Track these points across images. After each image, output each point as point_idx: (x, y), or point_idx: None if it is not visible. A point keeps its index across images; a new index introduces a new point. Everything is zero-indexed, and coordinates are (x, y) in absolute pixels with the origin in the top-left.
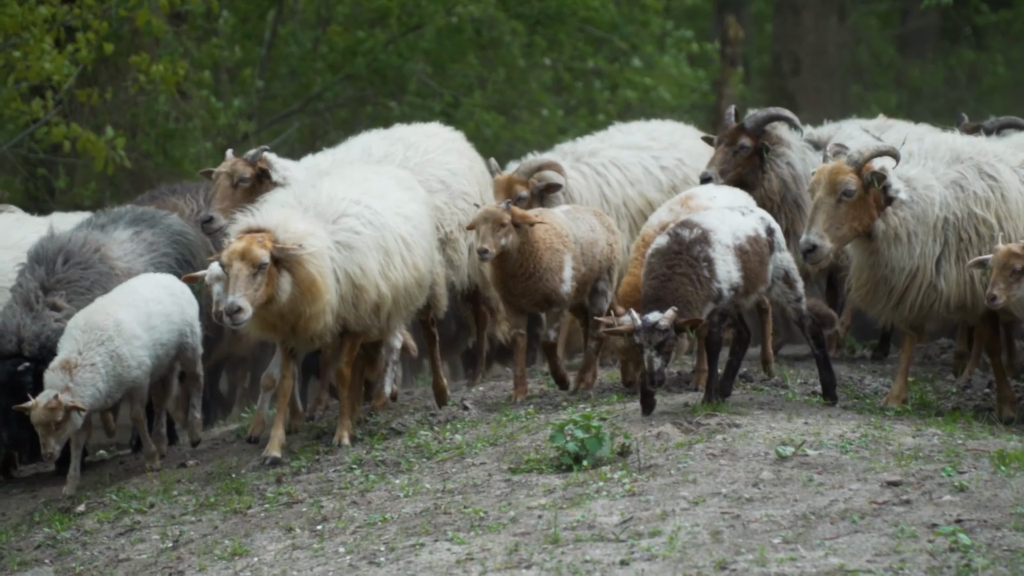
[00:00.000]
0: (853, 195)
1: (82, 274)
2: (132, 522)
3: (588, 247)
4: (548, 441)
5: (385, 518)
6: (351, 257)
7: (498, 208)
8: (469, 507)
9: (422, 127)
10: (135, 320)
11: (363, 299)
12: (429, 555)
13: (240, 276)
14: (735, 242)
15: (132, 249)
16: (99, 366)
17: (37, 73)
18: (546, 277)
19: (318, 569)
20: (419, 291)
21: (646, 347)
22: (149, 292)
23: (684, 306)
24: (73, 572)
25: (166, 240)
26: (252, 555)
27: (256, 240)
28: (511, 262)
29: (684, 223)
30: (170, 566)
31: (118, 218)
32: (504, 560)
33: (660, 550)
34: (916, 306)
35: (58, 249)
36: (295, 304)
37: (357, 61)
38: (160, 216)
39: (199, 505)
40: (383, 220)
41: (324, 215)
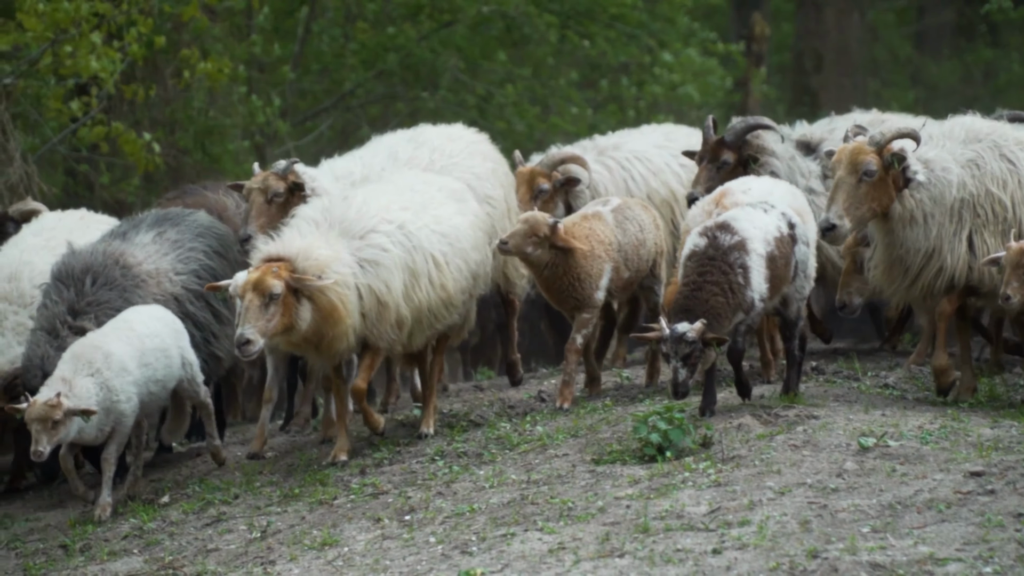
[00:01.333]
0: (874, 175)
1: (110, 295)
2: (218, 513)
3: (635, 250)
4: (630, 432)
5: (473, 508)
6: (377, 274)
7: (543, 219)
8: (556, 497)
9: (446, 129)
10: (127, 354)
11: (385, 316)
12: (521, 544)
13: (251, 307)
14: (767, 249)
15: (156, 250)
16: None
17: (86, 69)
18: (585, 283)
19: (410, 559)
20: (447, 312)
21: (672, 358)
22: (143, 326)
23: (714, 318)
24: (162, 562)
25: (191, 235)
26: (342, 545)
27: (270, 270)
28: (553, 270)
29: (722, 226)
30: (261, 556)
31: (140, 222)
32: (596, 549)
33: (751, 539)
34: (929, 286)
35: (84, 268)
36: (317, 328)
37: (390, 57)
38: (184, 214)
39: (283, 496)
40: (415, 239)
41: (351, 231)
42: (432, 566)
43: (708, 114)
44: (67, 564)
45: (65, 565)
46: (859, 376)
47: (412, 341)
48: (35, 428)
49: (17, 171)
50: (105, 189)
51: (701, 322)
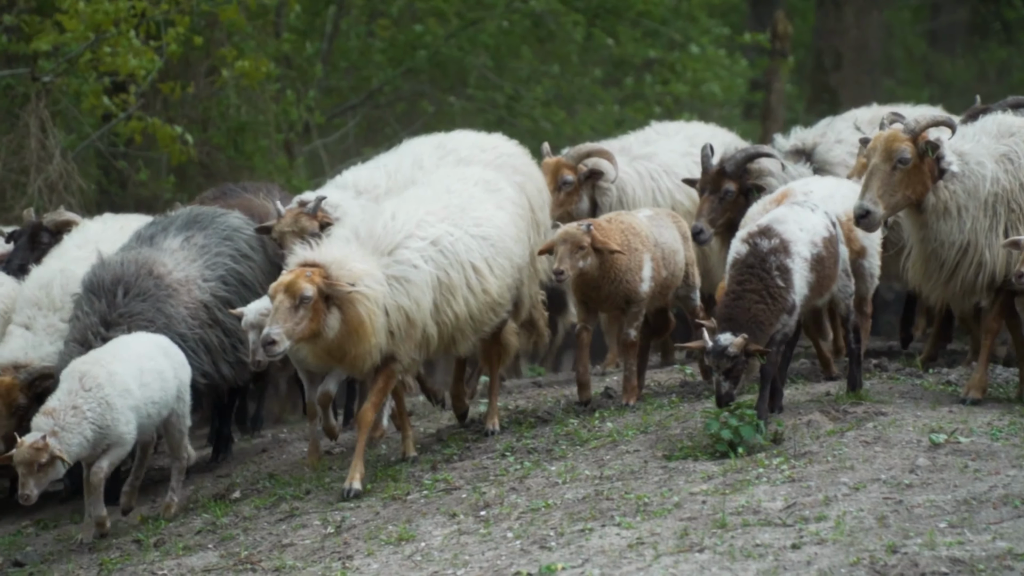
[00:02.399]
0: (908, 163)
1: (142, 306)
2: (290, 508)
3: (670, 254)
4: (701, 429)
5: (548, 504)
6: (407, 291)
7: (578, 230)
8: (630, 493)
9: (479, 138)
10: (129, 374)
11: (411, 335)
12: (599, 539)
13: (281, 308)
14: (812, 251)
15: (185, 256)
16: (84, 410)
17: (125, 67)
18: (626, 279)
19: (489, 554)
20: (492, 314)
21: (715, 371)
22: (143, 349)
23: (756, 326)
24: (238, 557)
25: (218, 240)
26: (419, 540)
27: (304, 274)
28: (591, 276)
29: (764, 231)
30: (337, 551)
31: (168, 224)
32: (676, 544)
33: (829, 534)
34: (969, 284)
35: (115, 280)
36: (341, 342)
37: (418, 55)
38: (214, 215)
39: (356, 491)
40: (451, 254)
41: (380, 248)
42: (512, 561)
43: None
44: (143, 559)
45: (141, 560)
46: (921, 373)
47: (456, 347)
48: (22, 471)
49: (57, 168)
50: (141, 186)
51: (743, 337)
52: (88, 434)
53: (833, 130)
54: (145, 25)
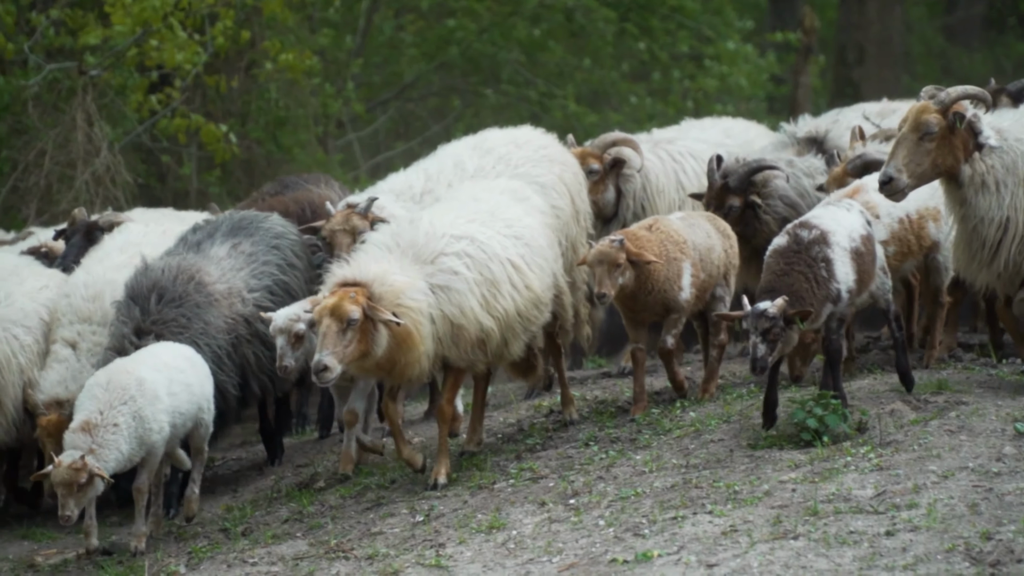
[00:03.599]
0: (935, 134)
1: (177, 312)
2: (377, 497)
3: (706, 253)
4: (785, 418)
5: (637, 492)
6: (449, 298)
7: (611, 247)
8: (719, 481)
9: (512, 133)
10: (157, 382)
11: (463, 337)
12: (692, 527)
13: (329, 333)
14: (851, 244)
15: (231, 266)
16: (122, 427)
17: (171, 61)
18: (665, 288)
19: (583, 541)
20: (537, 311)
21: (752, 333)
22: (171, 359)
23: (797, 299)
24: (328, 545)
25: (265, 248)
26: (510, 528)
27: (348, 296)
28: (629, 290)
29: (803, 224)
30: (429, 539)
31: (215, 230)
32: (769, 531)
33: (921, 522)
34: (1015, 265)
35: (152, 285)
36: (391, 355)
37: (451, 50)
38: (259, 220)
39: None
40: (489, 249)
41: (421, 256)
42: (607, 548)
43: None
44: (233, 547)
45: (231, 548)
46: (995, 363)
47: (508, 350)
48: (61, 492)
49: (104, 162)
50: (180, 180)
51: (783, 298)
52: (124, 448)
53: (845, 118)
54: (191, 19)
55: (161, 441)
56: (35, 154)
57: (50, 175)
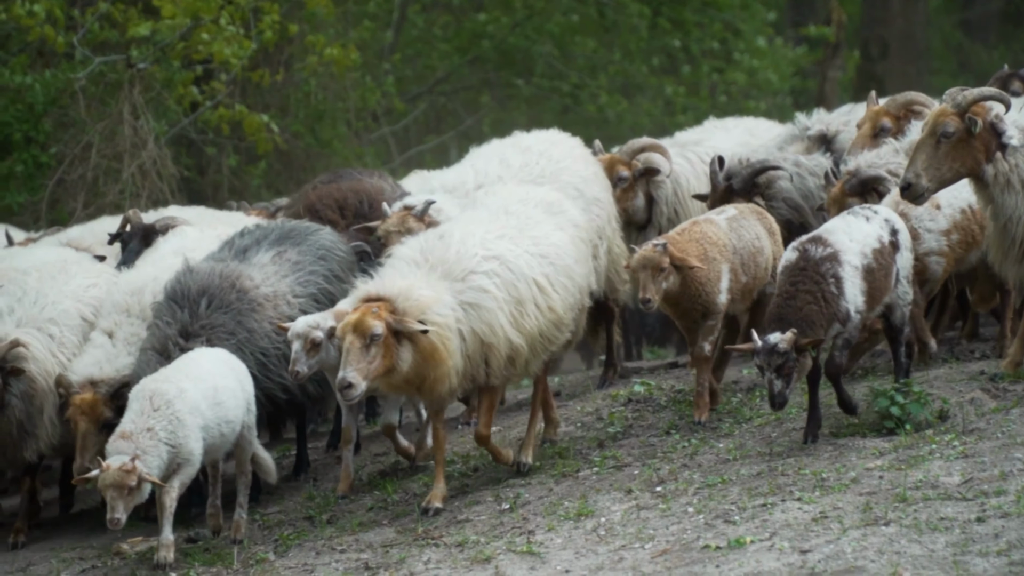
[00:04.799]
0: (952, 137)
1: (224, 318)
2: (461, 485)
3: (751, 257)
4: (865, 406)
5: (724, 479)
6: (480, 316)
7: (656, 252)
8: (805, 469)
9: (544, 134)
10: (199, 392)
11: (494, 355)
12: (782, 514)
13: (352, 349)
14: (863, 262)
15: (275, 271)
16: (157, 431)
17: (220, 55)
18: (704, 291)
19: (673, 528)
20: (558, 332)
21: (767, 370)
22: (213, 366)
23: (808, 325)
24: (415, 532)
25: (312, 258)
26: (598, 515)
27: (371, 311)
28: (672, 294)
29: (815, 239)
30: (517, 526)
31: (262, 238)
32: (860, 518)
33: (1011, 508)
34: None
35: (200, 290)
36: (419, 370)
37: (484, 44)
38: (309, 231)
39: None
40: (516, 268)
41: (452, 273)
42: (698, 535)
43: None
44: (320, 535)
45: (319, 535)
46: None
47: (529, 369)
48: (111, 495)
49: (150, 155)
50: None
51: (792, 332)
52: (164, 455)
53: (857, 115)
54: (239, 13)
55: (199, 451)
56: (82, 147)
57: (96, 168)
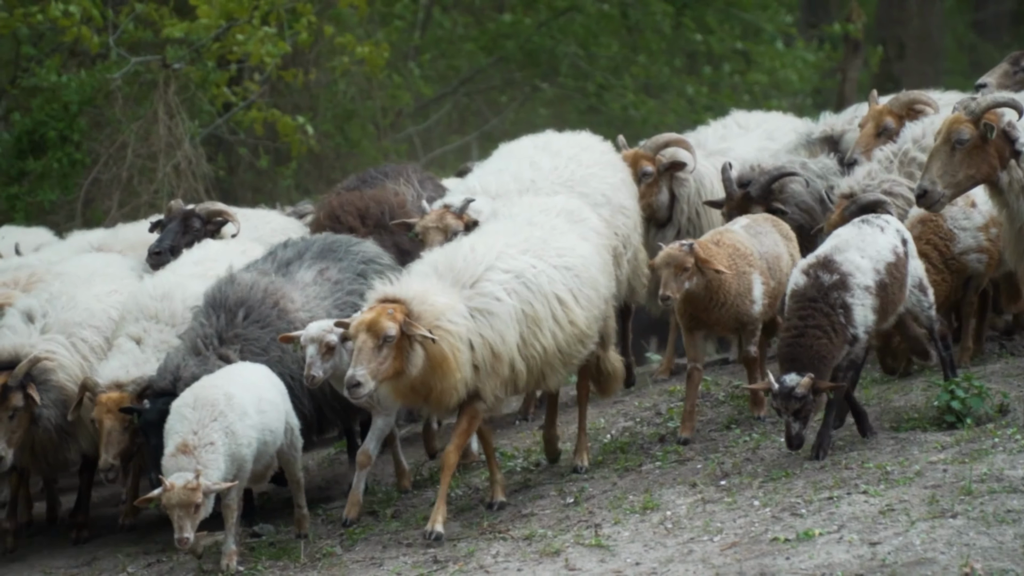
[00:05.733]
0: (966, 144)
1: (260, 333)
2: (524, 479)
3: (774, 261)
4: (924, 400)
5: (788, 473)
6: (491, 324)
7: (681, 251)
8: (868, 462)
9: (574, 138)
10: (246, 398)
11: (498, 369)
12: (849, 506)
13: (364, 348)
14: (876, 279)
15: (316, 293)
16: (218, 444)
17: (256, 55)
18: (737, 303)
19: (740, 521)
20: (580, 346)
21: (784, 413)
22: (253, 377)
23: (820, 362)
24: (481, 526)
25: (352, 276)
26: (664, 509)
27: (386, 311)
28: (698, 298)
29: (825, 263)
30: (583, 519)
31: (303, 252)
32: (927, 510)
33: None
34: None
35: (239, 301)
36: (426, 378)
37: (509, 44)
38: (350, 244)
39: (589, 463)
40: (535, 284)
41: (461, 280)
42: (766, 527)
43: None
44: (385, 528)
45: (384, 529)
46: None
47: (547, 382)
48: (177, 514)
49: (186, 154)
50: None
51: (809, 376)
52: (223, 466)
53: (862, 116)
54: (274, 13)
55: (251, 456)
56: (117, 147)
57: (131, 167)
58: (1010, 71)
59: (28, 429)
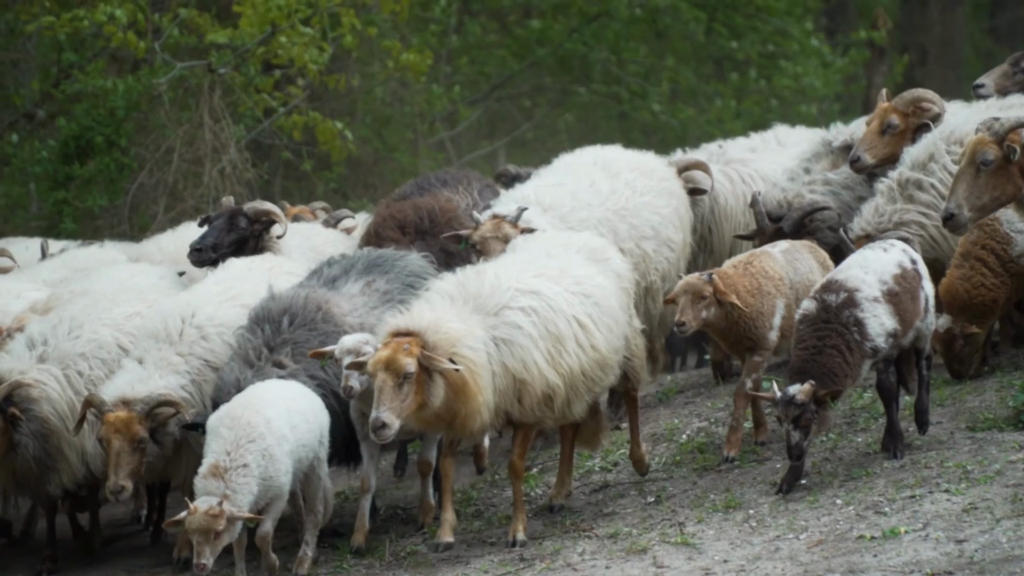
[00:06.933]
0: (991, 165)
1: (308, 335)
2: (603, 480)
3: (806, 290)
4: (998, 400)
5: (868, 472)
6: (512, 352)
7: (699, 280)
8: (948, 461)
9: (636, 159)
10: (282, 419)
11: (528, 392)
12: (932, 505)
13: (386, 388)
14: (883, 288)
15: (364, 303)
16: (252, 467)
17: (300, 59)
18: (755, 325)
19: (824, 519)
20: (602, 372)
21: (784, 421)
22: (285, 392)
23: (830, 379)
24: (564, 525)
25: (400, 287)
26: (747, 507)
27: (401, 347)
28: (716, 327)
29: (828, 286)
30: (667, 518)
31: (350, 267)
32: (1011, 508)
33: None
34: None
35: (282, 310)
36: (449, 405)
37: (539, 50)
38: (396, 258)
39: (666, 464)
40: (555, 305)
41: (484, 307)
42: (851, 525)
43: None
44: (468, 527)
45: (467, 528)
46: None
47: (571, 410)
48: (197, 540)
49: (231, 159)
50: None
51: (810, 383)
52: (255, 490)
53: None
54: (317, 18)
55: (288, 483)
56: (163, 152)
57: (176, 172)
58: (1009, 72)
59: (7, 454)
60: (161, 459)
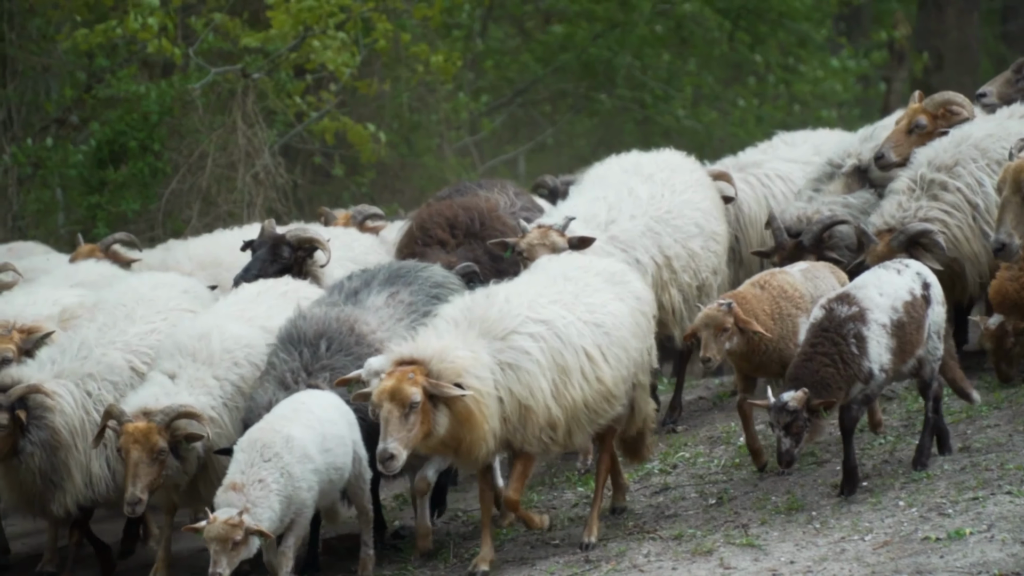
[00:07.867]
0: None
1: (345, 360)
2: (663, 482)
3: None
4: None
5: (928, 474)
6: (519, 378)
7: (719, 312)
8: (1008, 464)
9: (663, 159)
10: (308, 439)
11: (531, 420)
12: (995, 506)
13: (392, 419)
14: (893, 317)
15: (390, 315)
16: (269, 483)
17: (333, 63)
18: (779, 347)
19: (888, 520)
20: (607, 404)
21: (776, 427)
22: (322, 412)
23: (821, 387)
24: (627, 527)
25: (424, 298)
26: (808, 509)
27: (406, 377)
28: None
29: (842, 298)
30: (730, 520)
31: (372, 279)
32: None
33: None
34: None
35: (318, 333)
36: (454, 433)
37: (563, 56)
38: (418, 269)
39: (725, 466)
40: (564, 335)
41: (491, 332)
42: (916, 527)
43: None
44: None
45: (529, 531)
46: None
47: (572, 439)
48: (215, 549)
49: (265, 164)
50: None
51: (803, 391)
52: (276, 507)
53: (878, 135)
54: (351, 22)
55: (311, 501)
56: (196, 157)
57: (210, 177)
58: (1012, 79)
59: (12, 461)
60: (183, 475)
